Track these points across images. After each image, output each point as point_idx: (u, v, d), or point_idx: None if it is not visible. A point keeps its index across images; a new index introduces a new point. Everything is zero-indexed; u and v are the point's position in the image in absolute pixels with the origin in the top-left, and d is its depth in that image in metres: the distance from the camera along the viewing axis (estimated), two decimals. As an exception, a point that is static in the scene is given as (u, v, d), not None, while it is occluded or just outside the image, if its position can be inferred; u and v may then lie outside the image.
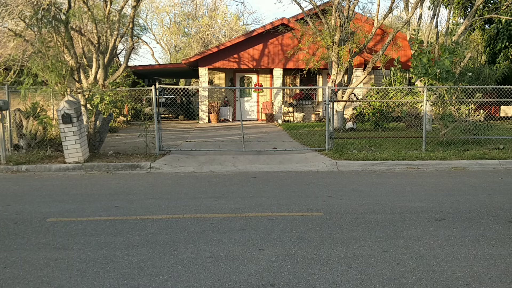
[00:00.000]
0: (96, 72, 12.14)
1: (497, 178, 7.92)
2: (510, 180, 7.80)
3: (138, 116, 19.04)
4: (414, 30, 14.09)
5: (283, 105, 19.91)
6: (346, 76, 15.88)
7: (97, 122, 10.16)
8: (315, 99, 20.67)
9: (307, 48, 16.38)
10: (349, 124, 15.00)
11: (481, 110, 11.91)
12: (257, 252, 4.27)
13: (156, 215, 5.55)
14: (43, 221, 5.29)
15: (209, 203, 6.13)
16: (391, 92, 14.62)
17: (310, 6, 15.67)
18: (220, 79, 20.38)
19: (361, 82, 14.63)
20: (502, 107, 17.85)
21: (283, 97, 20.19)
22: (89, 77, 12.34)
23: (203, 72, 19.26)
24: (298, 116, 19.63)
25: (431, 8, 18.09)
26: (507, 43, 21.36)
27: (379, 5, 15.41)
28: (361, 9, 33.07)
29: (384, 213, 5.59)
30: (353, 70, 17.96)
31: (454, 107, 11.45)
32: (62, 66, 10.01)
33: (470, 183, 7.46)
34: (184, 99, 21.83)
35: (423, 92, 10.78)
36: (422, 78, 11.92)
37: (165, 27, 35.20)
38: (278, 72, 19.48)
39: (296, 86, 20.13)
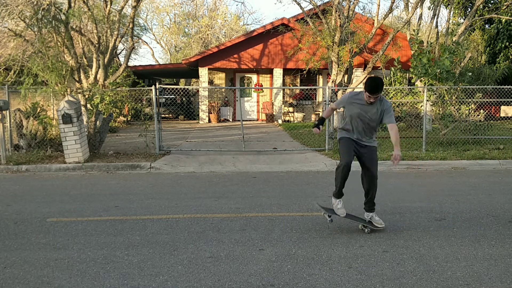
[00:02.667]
0: (96, 72, 12.13)
1: (497, 178, 7.92)
2: (510, 180, 7.80)
3: (138, 116, 19.03)
4: (414, 30, 14.09)
5: (283, 105, 19.91)
6: (346, 76, 15.88)
7: (97, 122, 10.16)
8: (315, 99, 20.67)
9: (307, 48, 16.38)
10: (349, 124, 14.96)
11: (481, 110, 11.91)
12: (257, 252, 4.27)
13: (156, 215, 5.54)
14: (43, 221, 5.29)
15: (209, 203, 6.13)
16: (391, 92, 14.60)
17: (310, 6, 15.67)
18: (220, 79, 20.38)
19: (361, 82, 14.61)
20: (502, 107, 17.84)
21: (283, 97, 20.19)
22: (89, 77, 12.34)
23: (203, 72, 19.26)
24: (298, 116, 19.63)
25: (431, 8, 18.10)
26: (507, 43, 21.35)
27: (379, 5, 15.41)
28: (361, 9, 33.06)
29: (384, 213, 5.59)
30: (353, 70, 17.96)
31: (454, 107, 11.45)
32: (62, 66, 10.01)
33: (470, 183, 7.46)
34: (184, 99, 21.83)
35: (423, 92, 10.78)
36: (422, 78, 11.92)
37: (165, 27, 35.22)
38: (278, 72, 19.48)
39: (296, 86, 20.13)
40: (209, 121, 19.42)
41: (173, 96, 21.37)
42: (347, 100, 4.86)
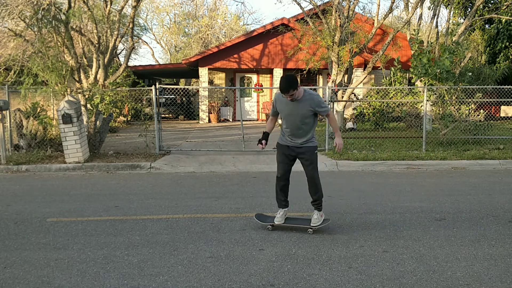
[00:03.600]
0: (96, 72, 12.13)
1: (497, 178, 7.92)
2: (510, 180, 7.80)
3: (138, 116, 19.04)
4: (414, 30, 14.09)
5: (283, 105, 19.87)
6: (346, 76, 15.88)
7: (97, 122, 10.16)
8: (315, 99, 20.64)
9: (307, 48, 16.38)
10: (349, 124, 15.00)
11: (481, 110, 11.91)
12: (257, 252, 4.27)
13: (156, 215, 5.54)
14: (43, 221, 5.29)
15: (209, 203, 6.13)
16: (391, 92, 14.61)
17: (310, 6, 15.67)
18: (220, 79, 20.38)
19: (361, 82, 14.62)
20: (502, 107, 17.85)
21: (283, 97, 20.16)
22: (89, 77, 12.34)
23: (203, 72, 19.26)
24: (298, 116, 19.60)
25: (431, 8, 18.09)
26: (507, 43, 21.35)
27: (379, 5, 15.41)
28: (361, 9, 33.00)
29: (384, 213, 5.59)
30: (353, 70, 17.95)
31: (454, 107, 11.45)
32: (62, 66, 10.00)
33: (470, 183, 7.46)
34: (184, 99, 21.83)
35: (423, 92, 10.78)
36: (422, 78, 11.91)
37: (165, 27, 35.22)
38: (278, 72, 19.47)
39: (296, 86, 20.08)
40: (209, 121, 19.42)
41: (173, 96, 21.35)
42: (275, 101, 4.87)
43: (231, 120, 19.90)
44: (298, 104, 4.65)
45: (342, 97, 14.81)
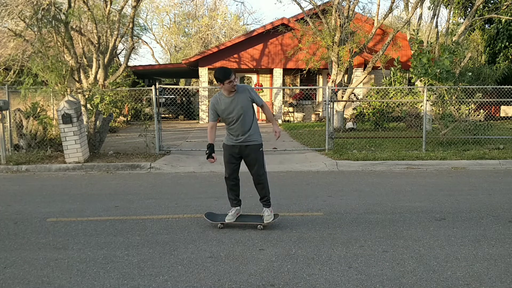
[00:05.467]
0: (96, 72, 12.13)
1: (497, 178, 7.92)
2: (510, 180, 7.80)
3: (138, 116, 19.04)
4: (414, 30, 14.11)
5: (283, 105, 19.91)
6: (346, 76, 15.88)
7: (97, 122, 10.16)
8: (315, 99, 20.67)
9: (307, 48, 16.38)
10: (349, 124, 15.00)
11: (481, 110, 11.91)
12: (257, 252, 4.27)
13: (156, 215, 5.54)
14: (43, 221, 5.29)
15: (209, 203, 6.13)
16: (391, 92, 14.62)
17: (310, 6, 15.68)
18: (220, 79, 20.35)
19: (361, 82, 14.63)
20: (502, 107, 17.85)
21: (283, 97, 20.19)
22: (89, 77, 12.34)
23: (203, 72, 19.27)
24: (298, 116, 19.63)
25: (431, 8, 18.10)
26: (507, 43, 21.35)
27: (379, 5, 15.41)
28: (361, 9, 33.11)
29: (384, 213, 5.59)
30: (353, 70, 17.96)
31: (454, 107, 11.45)
32: (62, 66, 10.00)
33: (470, 183, 7.46)
34: (184, 99, 21.84)
35: (423, 92, 10.78)
36: (422, 78, 11.91)
37: (165, 27, 35.24)
38: (278, 72, 19.48)
39: (296, 86, 20.13)
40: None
41: (173, 96, 21.37)
42: (213, 105, 4.95)
43: (231, 120, 19.89)
44: (236, 97, 4.82)
45: (342, 97, 14.81)
